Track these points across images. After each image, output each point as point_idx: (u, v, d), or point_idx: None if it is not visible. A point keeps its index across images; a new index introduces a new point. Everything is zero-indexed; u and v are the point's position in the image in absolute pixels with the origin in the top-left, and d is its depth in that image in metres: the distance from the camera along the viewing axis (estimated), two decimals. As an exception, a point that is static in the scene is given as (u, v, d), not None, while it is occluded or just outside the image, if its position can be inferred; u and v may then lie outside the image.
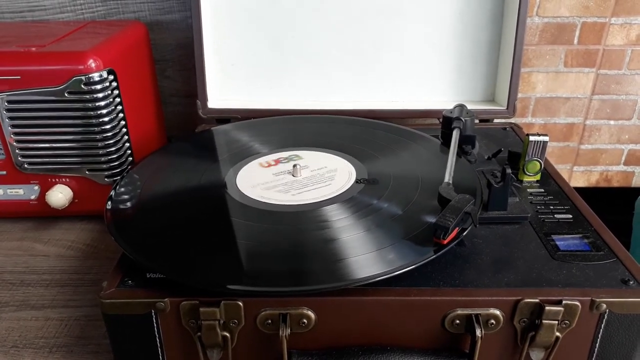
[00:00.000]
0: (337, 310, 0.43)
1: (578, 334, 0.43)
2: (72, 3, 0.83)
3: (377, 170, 0.58)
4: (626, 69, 0.88)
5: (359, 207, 0.51)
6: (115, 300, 0.42)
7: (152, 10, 0.84)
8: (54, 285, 0.59)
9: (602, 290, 0.43)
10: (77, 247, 0.65)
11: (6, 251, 0.65)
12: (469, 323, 0.42)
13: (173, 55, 0.87)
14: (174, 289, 0.43)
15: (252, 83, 0.81)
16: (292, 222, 0.50)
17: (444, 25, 0.78)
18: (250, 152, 0.63)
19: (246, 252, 0.45)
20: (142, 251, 0.45)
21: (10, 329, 0.54)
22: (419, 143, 0.65)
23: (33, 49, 0.63)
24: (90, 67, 0.61)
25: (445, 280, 0.44)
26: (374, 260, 0.43)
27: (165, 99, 0.90)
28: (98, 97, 0.62)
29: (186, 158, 0.63)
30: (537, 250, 0.48)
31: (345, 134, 0.68)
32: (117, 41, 0.69)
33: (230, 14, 0.78)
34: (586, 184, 0.98)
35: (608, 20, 0.84)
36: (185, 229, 0.49)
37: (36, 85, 0.60)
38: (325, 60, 0.80)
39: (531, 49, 0.86)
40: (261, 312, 0.42)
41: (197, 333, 0.43)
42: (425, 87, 0.81)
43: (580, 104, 0.91)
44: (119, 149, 0.66)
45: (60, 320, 0.55)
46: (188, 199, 0.54)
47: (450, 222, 0.43)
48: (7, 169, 0.66)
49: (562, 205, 0.55)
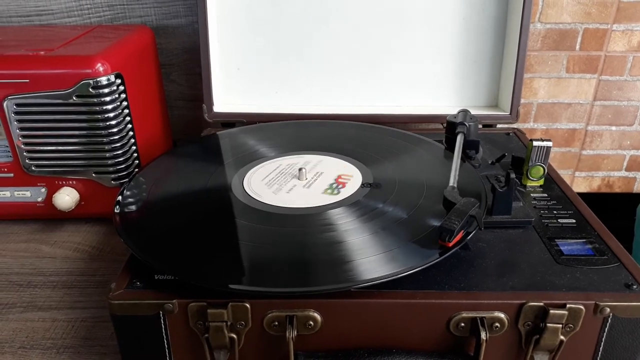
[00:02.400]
0: (343, 312, 0.43)
1: (582, 337, 0.43)
2: (79, 7, 0.84)
3: (382, 175, 0.58)
4: (628, 75, 0.89)
5: (364, 211, 0.52)
6: (123, 301, 0.43)
7: (158, 14, 0.84)
8: (61, 287, 0.60)
9: (606, 295, 0.43)
10: (83, 249, 0.66)
11: (13, 253, 0.65)
12: (474, 326, 0.43)
13: (179, 59, 0.88)
14: (182, 291, 0.43)
15: (257, 87, 0.82)
16: (298, 224, 0.50)
17: (447, 31, 0.79)
18: (256, 156, 0.64)
19: (253, 253, 0.46)
20: (151, 252, 0.46)
21: (17, 330, 0.54)
22: (423, 148, 0.65)
23: (42, 52, 0.63)
24: (98, 71, 0.61)
25: (451, 283, 0.45)
26: (379, 263, 0.44)
27: (171, 102, 0.90)
28: (106, 101, 0.62)
29: (193, 161, 0.63)
30: (541, 255, 0.48)
31: (350, 139, 0.68)
32: (124, 45, 0.69)
33: (236, 19, 0.79)
34: (588, 189, 0.99)
35: (610, 26, 0.85)
36: (193, 231, 0.50)
37: (44, 88, 0.61)
38: (329, 65, 0.81)
39: (533, 54, 0.87)
40: (268, 314, 0.43)
41: (205, 334, 0.43)
42: (429, 93, 0.82)
43: (582, 110, 0.92)
44: (125, 152, 0.66)
45: (67, 322, 0.55)
46: (195, 201, 0.55)
47: (455, 225, 0.44)
48: (14, 171, 0.66)
49: (566, 210, 0.55)
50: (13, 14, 0.84)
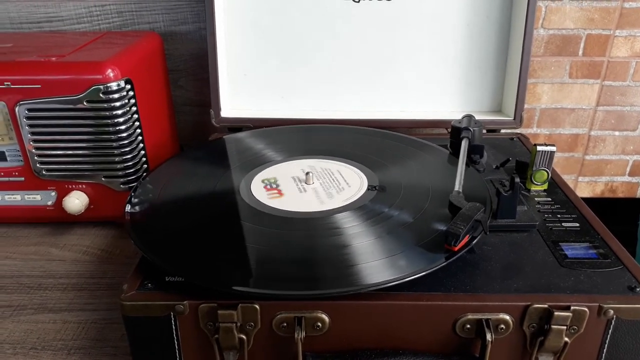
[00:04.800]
0: (351, 314, 0.44)
1: (586, 339, 0.44)
2: (88, 14, 0.85)
3: (388, 179, 0.59)
4: (630, 81, 0.90)
5: (370, 215, 0.52)
6: (135, 302, 0.44)
7: (166, 21, 0.86)
8: (71, 289, 0.61)
9: (610, 297, 0.44)
10: (92, 252, 0.67)
11: (24, 255, 0.66)
12: (480, 328, 0.43)
13: (186, 65, 0.89)
14: (193, 292, 0.44)
15: (263, 93, 0.83)
16: (306, 228, 0.51)
17: (452, 37, 0.80)
18: (264, 160, 0.65)
19: (263, 256, 0.47)
20: (161, 254, 0.47)
21: (28, 332, 0.55)
22: (428, 153, 0.66)
23: (53, 58, 0.64)
24: (109, 76, 0.62)
25: (456, 286, 0.45)
26: (386, 267, 0.44)
27: (178, 108, 0.91)
28: (115, 106, 0.63)
29: (201, 165, 0.64)
30: (545, 258, 0.49)
31: (355, 144, 0.69)
32: (133, 51, 0.70)
33: (243, 26, 0.80)
34: (591, 194, 0.99)
35: (612, 32, 0.86)
36: (202, 233, 0.50)
37: (56, 94, 0.62)
38: (334, 71, 0.82)
39: (536, 60, 0.88)
40: (277, 315, 0.43)
41: (215, 335, 0.44)
42: (433, 98, 0.83)
43: (585, 115, 0.92)
44: (134, 157, 0.67)
45: (77, 323, 0.56)
46: (204, 204, 0.56)
47: (461, 229, 0.44)
48: (25, 175, 0.67)
49: (570, 214, 0.56)
50: (24, 20, 0.85)
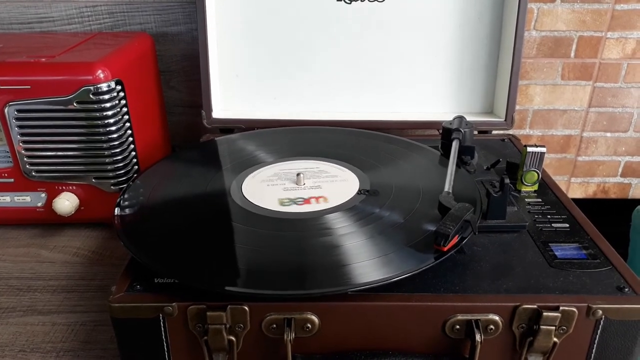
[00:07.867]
0: (340, 315, 0.44)
1: (575, 339, 0.44)
2: (79, 15, 0.84)
3: (379, 180, 0.59)
4: (622, 82, 0.90)
5: (361, 216, 0.52)
6: (124, 304, 0.43)
7: (157, 22, 0.85)
8: (60, 291, 0.60)
9: (598, 297, 0.44)
10: (82, 254, 0.66)
11: (13, 257, 0.66)
12: (469, 328, 0.43)
13: (178, 66, 0.89)
14: (182, 294, 0.44)
15: (255, 94, 0.83)
16: (296, 229, 0.51)
17: (444, 39, 0.80)
18: (255, 161, 0.65)
19: (252, 257, 0.46)
20: (150, 256, 0.47)
21: (17, 334, 0.54)
22: (419, 154, 0.66)
23: (43, 59, 0.64)
24: (99, 77, 0.62)
25: (446, 286, 0.45)
26: (375, 267, 0.44)
27: (170, 108, 0.91)
28: (106, 107, 0.63)
29: (192, 166, 0.64)
30: (535, 258, 0.49)
31: (347, 145, 0.69)
32: (124, 52, 0.70)
33: (235, 27, 0.80)
34: (583, 195, 1.00)
35: (604, 34, 0.86)
36: (192, 234, 0.50)
37: (45, 94, 0.62)
38: (327, 72, 0.82)
39: (529, 62, 0.88)
40: (266, 317, 0.43)
41: (204, 337, 0.44)
42: (425, 99, 0.83)
43: (577, 116, 0.93)
44: (125, 158, 0.67)
45: (66, 325, 0.56)
46: (194, 205, 0.55)
47: (450, 229, 0.44)
48: (14, 176, 0.67)
49: (559, 215, 0.56)
50: (14, 21, 0.84)
